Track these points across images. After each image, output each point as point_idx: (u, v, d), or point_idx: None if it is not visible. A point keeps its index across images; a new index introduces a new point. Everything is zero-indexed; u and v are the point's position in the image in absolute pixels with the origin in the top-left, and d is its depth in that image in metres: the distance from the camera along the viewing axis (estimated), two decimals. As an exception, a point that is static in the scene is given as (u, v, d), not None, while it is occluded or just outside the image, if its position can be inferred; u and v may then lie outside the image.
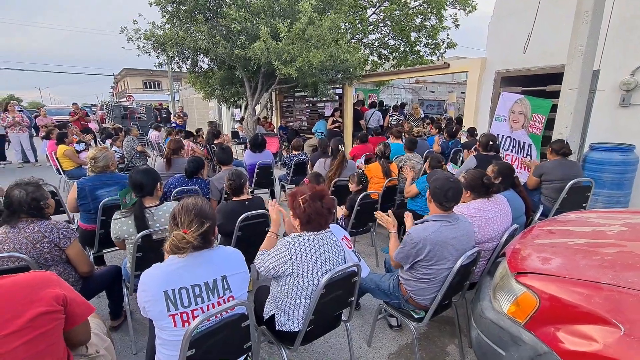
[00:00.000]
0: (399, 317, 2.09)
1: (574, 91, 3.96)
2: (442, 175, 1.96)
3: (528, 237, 1.88)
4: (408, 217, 2.24)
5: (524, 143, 5.62)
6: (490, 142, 3.93)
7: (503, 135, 5.62)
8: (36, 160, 9.06)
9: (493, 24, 5.91)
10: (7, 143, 8.90)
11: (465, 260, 1.80)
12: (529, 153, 5.59)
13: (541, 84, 5.46)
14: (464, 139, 6.10)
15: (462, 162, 5.53)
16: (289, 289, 1.58)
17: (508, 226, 2.34)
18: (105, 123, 14.60)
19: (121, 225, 2.02)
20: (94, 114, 17.02)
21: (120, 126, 9.66)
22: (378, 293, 2.21)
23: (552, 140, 3.67)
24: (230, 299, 1.36)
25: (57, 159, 5.39)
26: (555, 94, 5.21)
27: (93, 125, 11.73)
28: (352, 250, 1.86)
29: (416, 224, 2.01)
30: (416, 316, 1.98)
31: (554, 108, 5.21)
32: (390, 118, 8.71)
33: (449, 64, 6.43)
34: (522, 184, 3.20)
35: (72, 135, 6.54)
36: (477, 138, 5.81)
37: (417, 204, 3.52)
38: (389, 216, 2.30)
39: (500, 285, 1.61)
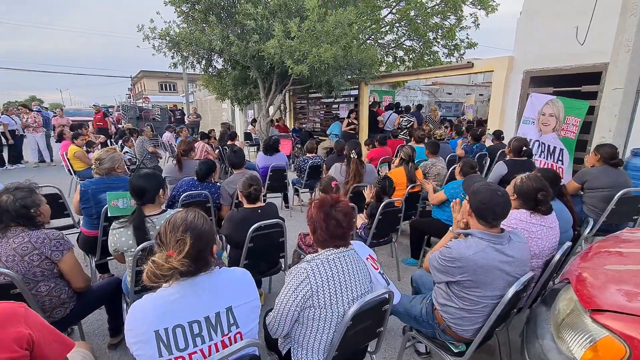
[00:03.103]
0: (434, 350, 1.80)
1: (619, 91, 3.59)
2: (484, 186, 1.65)
3: (594, 260, 1.57)
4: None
5: (555, 148, 5.23)
6: (524, 148, 3.58)
7: (531, 139, 5.24)
8: (51, 160, 9.11)
9: (522, 20, 5.54)
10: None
11: (518, 287, 1.50)
12: (559, 158, 5.20)
13: (575, 85, 5.07)
14: (489, 142, 5.73)
15: (488, 168, 5.18)
16: (308, 322, 1.32)
17: (555, 243, 2.03)
18: (121, 124, 14.75)
19: (119, 237, 1.81)
20: (110, 115, 17.25)
21: (131, 126, 9.64)
22: (407, 319, 1.93)
23: (599, 144, 3.29)
24: (238, 336, 1.11)
25: (68, 159, 5.31)
26: (591, 95, 4.83)
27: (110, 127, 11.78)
28: (379, 272, 1.60)
29: (458, 236, 1.73)
30: (455, 350, 1.69)
31: (590, 110, 4.83)
32: (401, 119, 8.36)
33: (472, 64, 6.08)
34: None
35: (86, 136, 6.48)
36: (507, 142, 5.46)
37: (445, 212, 3.21)
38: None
39: (568, 323, 1.31)
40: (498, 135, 5.50)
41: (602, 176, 3.20)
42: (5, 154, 8.45)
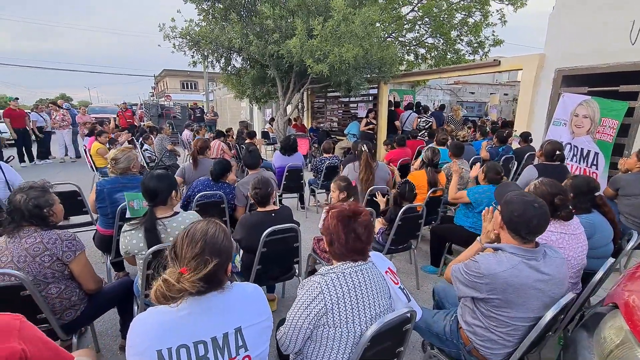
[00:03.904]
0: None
1: (665, 91, 3.28)
2: (518, 196, 1.49)
3: (645, 282, 1.39)
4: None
5: (589, 151, 4.90)
6: (557, 152, 3.35)
7: (562, 142, 4.94)
8: (77, 156, 9.41)
9: (555, 16, 5.22)
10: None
11: (557, 309, 1.35)
12: (594, 163, 4.87)
13: (612, 84, 4.72)
14: (515, 144, 5.45)
15: (515, 172, 4.92)
16: (322, 341, 1.22)
17: (583, 252, 1.87)
18: (144, 121, 15.16)
19: (130, 239, 1.77)
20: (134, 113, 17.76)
21: (151, 124, 9.83)
22: (428, 335, 1.80)
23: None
24: (246, 359, 1.02)
25: (90, 155, 5.44)
26: (630, 96, 4.48)
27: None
28: (400, 287, 1.47)
29: (484, 250, 1.58)
30: (482, 374, 1.55)
31: (629, 112, 4.49)
32: (419, 120, 8.12)
33: (499, 61, 5.79)
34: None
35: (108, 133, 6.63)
36: (535, 145, 5.18)
37: (469, 218, 3.03)
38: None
39: (618, 356, 1.15)
40: (526, 137, 5.21)
41: (638, 182, 2.95)
42: (34, 150, 8.77)
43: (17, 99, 8.32)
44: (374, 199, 3.09)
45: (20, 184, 1.69)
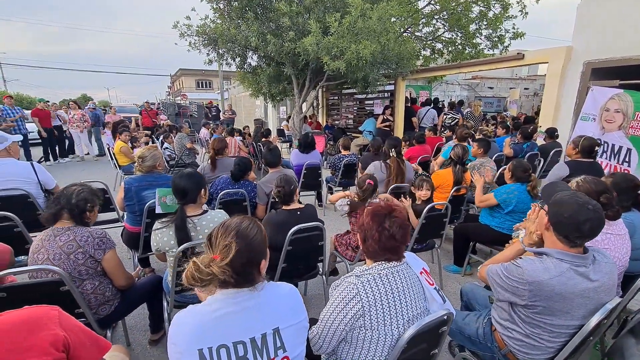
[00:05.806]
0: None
1: None
2: (572, 196, 1.36)
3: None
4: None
5: (620, 147, 4.69)
6: (596, 148, 3.21)
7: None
8: (101, 154, 9.66)
9: (583, 6, 5.00)
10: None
11: (603, 314, 1.29)
12: (626, 159, 4.66)
13: (646, 76, 4.49)
14: (540, 140, 5.27)
15: (542, 169, 4.76)
16: (357, 343, 1.21)
17: (627, 254, 1.79)
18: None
19: (162, 237, 1.79)
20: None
21: (170, 123, 9.99)
22: (459, 337, 1.75)
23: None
24: (285, 360, 1.01)
25: (113, 154, 5.58)
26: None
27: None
28: (435, 288, 1.43)
29: (526, 254, 1.52)
30: (519, 379, 1.50)
31: (665, 105, 4.26)
32: (445, 116, 7.94)
33: (523, 55, 5.60)
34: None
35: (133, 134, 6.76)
36: (561, 141, 5.00)
37: (495, 218, 2.94)
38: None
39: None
40: (552, 133, 5.03)
41: None
42: (56, 150, 8.98)
43: (47, 101, 8.64)
44: (401, 200, 3.06)
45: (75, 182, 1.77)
